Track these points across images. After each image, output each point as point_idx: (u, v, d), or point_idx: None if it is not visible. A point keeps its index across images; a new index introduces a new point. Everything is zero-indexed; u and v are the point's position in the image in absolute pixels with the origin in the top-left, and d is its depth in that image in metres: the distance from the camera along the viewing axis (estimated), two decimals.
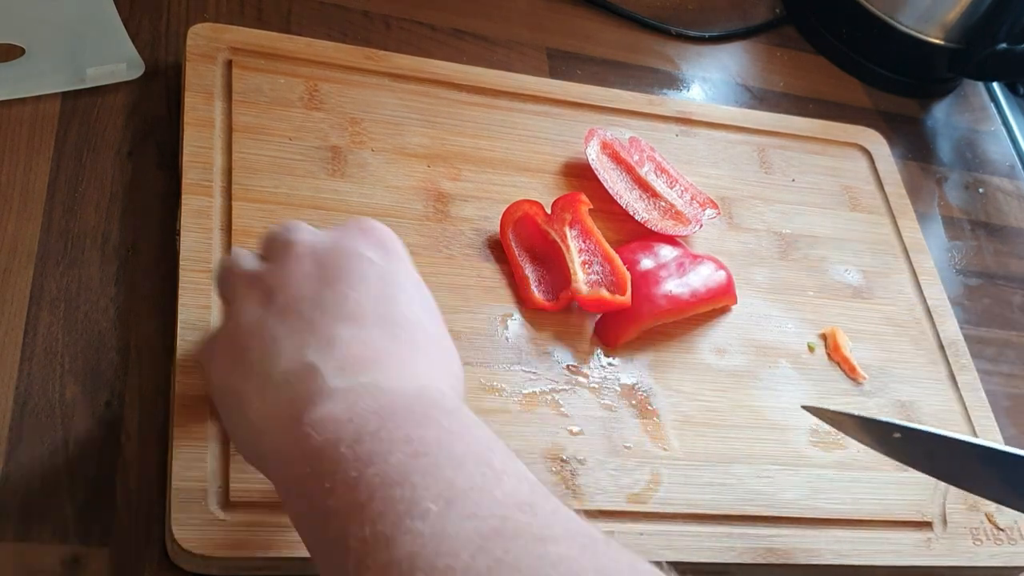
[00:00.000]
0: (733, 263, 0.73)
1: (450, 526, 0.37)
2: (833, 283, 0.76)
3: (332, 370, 0.44)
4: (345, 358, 0.44)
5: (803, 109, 0.91)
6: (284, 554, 0.52)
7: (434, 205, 0.68)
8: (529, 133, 0.74)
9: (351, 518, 0.39)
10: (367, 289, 0.47)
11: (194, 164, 0.63)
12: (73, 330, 0.57)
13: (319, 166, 0.66)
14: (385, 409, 0.42)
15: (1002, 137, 1.01)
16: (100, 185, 0.63)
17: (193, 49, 0.67)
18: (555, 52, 0.85)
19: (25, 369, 0.55)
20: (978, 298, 0.85)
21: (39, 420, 0.54)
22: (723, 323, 0.70)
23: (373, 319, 0.46)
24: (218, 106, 0.66)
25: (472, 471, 0.40)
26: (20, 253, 0.59)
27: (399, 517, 0.38)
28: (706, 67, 0.92)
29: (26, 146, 0.63)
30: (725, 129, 0.82)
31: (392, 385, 0.44)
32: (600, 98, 0.78)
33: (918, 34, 0.94)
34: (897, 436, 0.58)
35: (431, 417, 0.42)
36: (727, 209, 0.76)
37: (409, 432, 0.41)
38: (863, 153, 0.85)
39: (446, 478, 0.39)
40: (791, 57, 0.96)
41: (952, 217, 0.91)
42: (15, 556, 0.50)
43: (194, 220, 0.61)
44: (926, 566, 0.64)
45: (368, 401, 0.43)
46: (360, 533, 0.38)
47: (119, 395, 0.56)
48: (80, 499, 0.52)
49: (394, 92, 0.72)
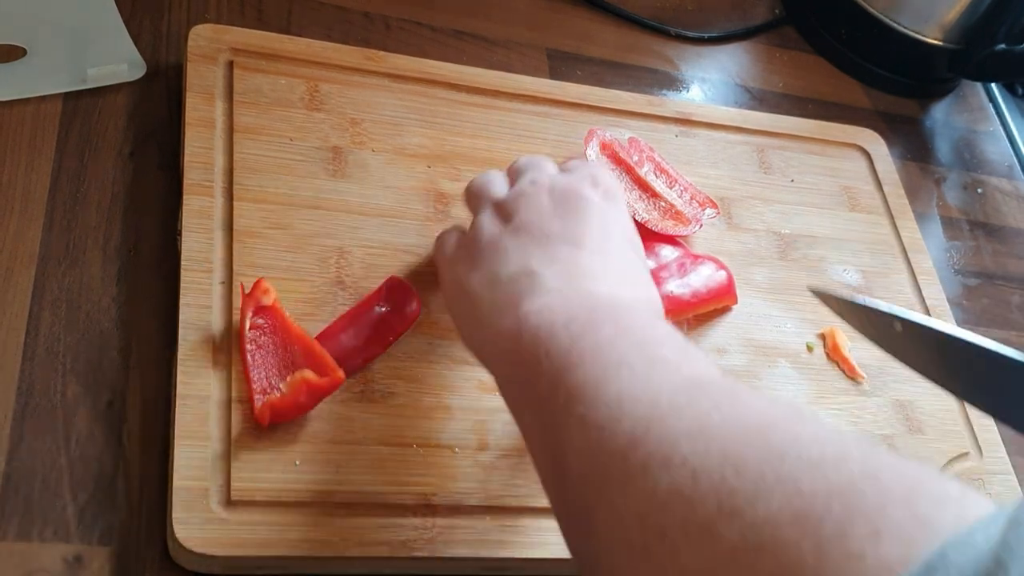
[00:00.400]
0: (733, 263, 0.73)
1: (655, 375, 0.43)
2: (832, 283, 0.76)
3: (551, 275, 0.51)
4: (563, 269, 0.52)
5: (802, 110, 0.91)
6: (285, 553, 0.52)
7: (434, 205, 0.68)
8: (529, 133, 0.74)
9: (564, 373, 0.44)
10: (589, 223, 0.54)
11: (195, 164, 0.63)
12: (74, 330, 0.57)
13: (320, 166, 0.66)
14: (596, 306, 0.49)
15: (1000, 137, 1.01)
16: (101, 185, 0.63)
17: (194, 50, 0.68)
18: (555, 52, 0.85)
19: (27, 369, 0.55)
20: (977, 298, 0.85)
21: (41, 419, 0.54)
22: (723, 323, 0.70)
23: (590, 247, 0.53)
24: (219, 107, 0.66)
25: (671, 350, 0.46)
26: (22, 253, 0.59)
27: (607, 366, 0.44)
28: (705, 68, 0.92)
29: (28, 147, 0.63)
30: (724, 130, 0.82)
31: (602, 291, 0.51)
32: (600, 98, 0.79)
33: (917, 35, 0.94)
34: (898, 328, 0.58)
35: (635, 315, 0.49)
36: (727, 209, 0.77)
37: (617, 317, 0.48)
38: (862, 153, 0.86)
39: (649, 351, 0.45)
40: (790, 58, 0.96)
41: (951, 217, 0.91)
42: (16, 555, 0.50)
43: (195, 220, 0.61)
44: None
45: (580, 299, 0.50)
46: (572, 378, 0.44)
47: (120, 394, 0.56)
48: (81, 498, 0.52)
49: (394, 92, 0.72)
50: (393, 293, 0.62)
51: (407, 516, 0.55)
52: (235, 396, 0.55)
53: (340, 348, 0.58)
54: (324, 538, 0.53)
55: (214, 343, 0.57)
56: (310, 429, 0.56)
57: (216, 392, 0.55)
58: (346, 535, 0.53)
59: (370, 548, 0.53)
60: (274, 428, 0.55)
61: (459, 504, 0.56)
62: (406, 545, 0.54)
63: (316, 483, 0.54)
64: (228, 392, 0.55)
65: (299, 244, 0.62)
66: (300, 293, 0.61)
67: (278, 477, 0.54)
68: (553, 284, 0.50)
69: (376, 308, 0.60)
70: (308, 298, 0.61)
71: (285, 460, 0.54)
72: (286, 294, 0.60)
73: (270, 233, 0.62)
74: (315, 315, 0.60)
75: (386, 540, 0.54)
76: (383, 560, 0.54)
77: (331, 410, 0.57)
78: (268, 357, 0.57)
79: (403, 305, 0.61)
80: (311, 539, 0.52)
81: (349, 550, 0.53)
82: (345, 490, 0.54)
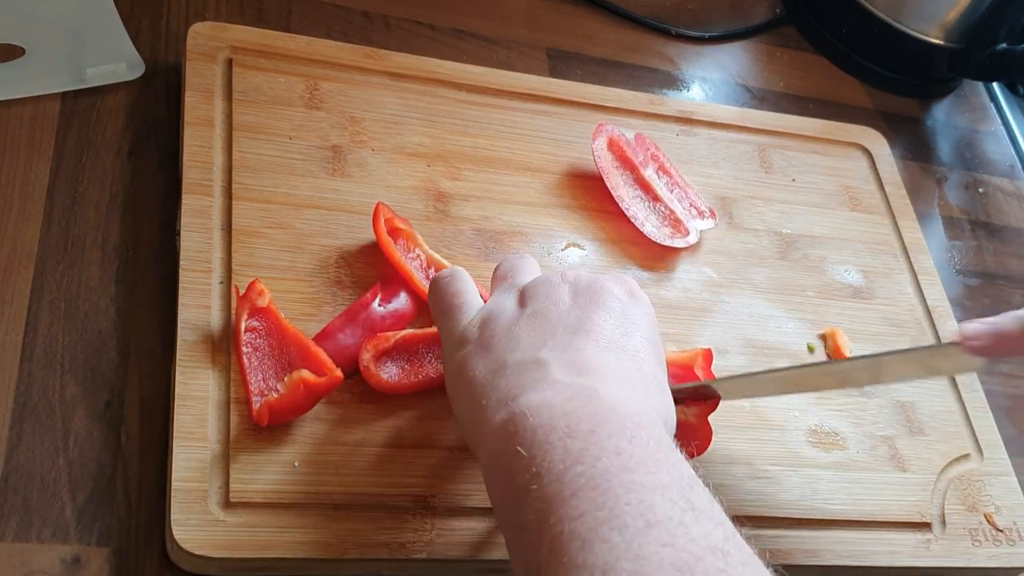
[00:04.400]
0: (733, 263, 0.73)
1: (646, 548, 0.39)
2: (833, 283, 0.76)
3: (558, 365, 0.48)
4: (572, 360, 0.48)
5: (803, 109, 0.91)
6: (283, 554, 0.52)
7: (434, 205, 0.68)
8: (529, 133, 0.74)
9: (551, 509, 0.41)
10: (609, 317, 0.51)
11: (194, 163, 0.63)
12: (73, 330, 0.57)
13: (319, 165, 0.66)
14: (599, 414, 0.45)
15: (1002, 137, 1.01)
16: (100, 185, 0.63)
17: (193, 48, 0.67)
18: (555, 52, 0.85)
19: (25, 369, 0.55)
20: (978, 298, 0.85)
21: (39, 420, 0.54)
22: (723, 323, 0.70)
23: (607, 342, 0.50)
24: (218, 105, 0.66)
25: (673, 502, 0.41)
26: (20, 253, 0.59)
27: (598, 523, 0.40)
28: (706, 67, 0.91)
29: (26, 146, 0.63)
30: (725, 129, 0.82)
31: (610, 395, 0.46)
32: (600, 98, 0.78)
33: (918, 34, 0.94)
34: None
35: (641, 438, 0.44)
36: (727, 209, 0.76)
37: (619, 444, 0.43)
38: (863, 153, 0.85)
39: (648, 500, 0.41)
40: (791, 57, 0.96)
41: (952, 217, 0.91)
42: (15, 556, 0.50)
43: (194, 219, 0.61)
44: (925, 567, 0.64)
45: (585, 401, 0.46)
46: (559, 526, 0.40)
47: (119, 395, 0.56)
48: (80, 499, 0.52)
49: (394, 91, 0.72)
50: (389, 292, 0.61)
51: (406, 517, 0.55)
52: (234, 397, 0.55)
53: (338, 348, 0.58)
54: (323, 540, 0.53)
55: (213, 343, 0.57)
56: (309, 430, 0.56)
57: (215, 393, 0.55)
58: (345, 537, 0.53)
59: (369, 550, 0.53)
60: (273, 429, 0.55)
61: (458, 505, 0.56)
62: (405, 547, 0.54)
63: (315, 484, 0.54)
64: (227, 393, 0.55)
65: (298, 244, 0.62)
66: (299, 293, 0.60)
67: (277, 478, 0.54)
68: (559, 376, 0.47)
69: (373, 307, 0.60)
70: (307, 298, 0.60)
71: (284, 461, 0.54)
72: (285, 294, 0.60)
73: (269, 232, 0.62)
74: (315, 315, 0.60)
75: (385, 542, 0.54)
76: (382, 562, 0.54)
77: (330, 411, 0.57)
78: (264, 359, 0.57)
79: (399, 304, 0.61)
80: (310, 541, 0.52)
81: (348, 552, 0.53)
82: (344, 491, 0.54)
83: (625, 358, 0.50)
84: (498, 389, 0.48)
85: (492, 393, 0.48)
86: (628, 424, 0.45)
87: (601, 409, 0.45)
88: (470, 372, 0.50)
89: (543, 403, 0.45)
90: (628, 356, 0.50)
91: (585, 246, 0.70)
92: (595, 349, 0.49)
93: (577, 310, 0.51)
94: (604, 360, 0.49)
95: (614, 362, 0.49)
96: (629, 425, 0.45)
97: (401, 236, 0.63)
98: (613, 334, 0.50)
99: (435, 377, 0.59)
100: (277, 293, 0.59)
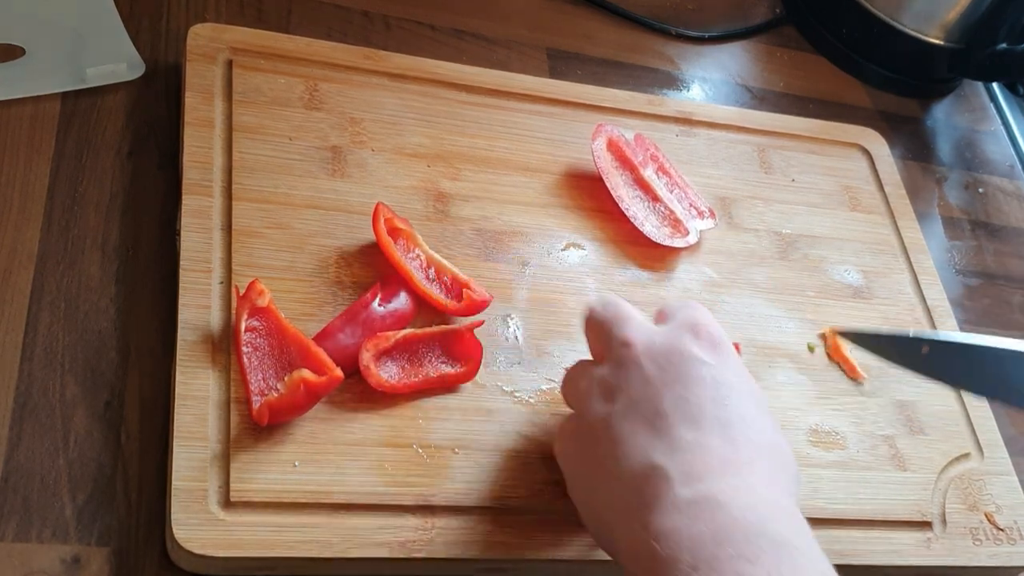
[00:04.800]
0: (733, 263, 0.73)
1: None
2: (833, 283, 0.76)
3: (678, 475, 0.47)
4: (690, 464, 0.48)
5: (803, 109, 0.91)
6: (284, 554, 0.52)
7: (434, 205, 0.68)
8: (529, 133, 0.74)
9: None
10: (703, 391, 0.50)
11: (194, 164, 0.63)
12: (73, 330, 0.57)
13: (319, 166, 0.66)
14: (721, 532, 0.45)
15: (1002, 137, 1.01)
16: (100, 185, 0.63)
17: (193, 49, 0.67)
18: (555, 52, 0.85)
19: (25, 369, 0.55)
20: (978, 298, 0.85)
21: (39, 420, 0.54)
22: (723, 323, 0.69)
23: (710, 421, 0.49)
24: (218, 106, 0.66)
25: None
26: (20, 253, 0.59)
27: None
28: (706, 67, 0.92)
29: (26, 146, 0.63)
30: (725, 129, 0.82)
31: (729, 501, 0.46)
32: (600, 98, 0.78)
33: (918, 34, 0.94)
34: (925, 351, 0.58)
35: (764, 552, 0.44)
36: (727, 209, 0.76)
37: (740, 569, 0.43)
38: (863, 153, 0.85)
39: None
40: (791, 57, 0.96)
41: (952, 217, 0.91)
42: (15, 556, 0.50)
43: (194, 220, 0.61)
44: (926, 566, 0.64)
45: (707, 522, 0.45)
46: None
47: (119, 395, 0.56)
48: (80, 499, 0.52)
49: (394, 92, 0.72)
50: (389, 292, 0.61)
51: (406, 517, 0.55)
52: (234, 396, 0.55)
53: (338, 348, 0.58)
54: (323, 539, 0.53)
55: (213, 343, 0.57)
56: (309, 429, 0.56)
57: (215, 392, 0.55)
58: (345, 536, 0.53)
59: (369, 549, 0.53)
60: (273, 429, 0.55)
61: (458, 505, 0.56)
62: (405, 546, 0.54)
63: (315, 484, 0.54)
64: (227, 392, 0.55)
65: (298, 244, 0.62)
66: (299, 293, 0.60)
67: (277, 478, 0.54)
68: (681, 491, 0.47)
69: (373, 307, 0.60)
70: (307, 298, 0.60)
71: (284, 461, 0.54)
72: (285, 294, 0.60)
73: (269, 233, 0.62)
74: (315, 315, 0.60)
75: (385, 541, 0.54)
76: (382, 561, 0.54)
77: (330, 410, 0.57)
78: (264, 359, 0.57)
79: (399, 304, 0.61)
80: (310, 540, 0.52)
81: (348, 551, 0.53)
82: (344, 491, 0.54)
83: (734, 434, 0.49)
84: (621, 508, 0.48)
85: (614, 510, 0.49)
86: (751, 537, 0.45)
87: (723, 524, 0.45)
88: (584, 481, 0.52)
89: (669, 532, 0.45)
90: (736, 429, 0.50)
91: (585, 246, 0.70)
92: (703, 438, 0.49)
93: (668, 391, 0.50)
94: (716, 452, 0.48)
95: (726, 449, 0.49)
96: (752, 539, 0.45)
97: (401, 236, 0.64)
98: (712, 410, 0.50)
99: (435, 377, 0.59)
100: (277, 293, 0.59)
